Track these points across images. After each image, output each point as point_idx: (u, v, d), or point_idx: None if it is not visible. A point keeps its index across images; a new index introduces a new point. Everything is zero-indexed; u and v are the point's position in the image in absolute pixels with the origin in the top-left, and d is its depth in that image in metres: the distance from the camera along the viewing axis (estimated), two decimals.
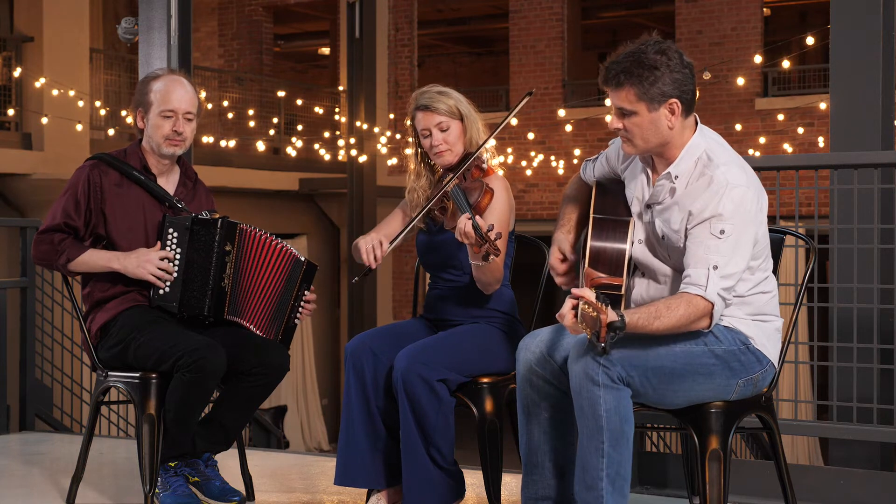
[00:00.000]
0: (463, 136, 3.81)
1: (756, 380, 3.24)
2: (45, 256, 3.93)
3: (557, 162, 16.19)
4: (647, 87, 3.09)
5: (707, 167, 3.15)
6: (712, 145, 3.20)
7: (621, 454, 3.05)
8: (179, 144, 3.99)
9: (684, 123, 3.17)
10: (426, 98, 3.83)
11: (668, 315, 3.02)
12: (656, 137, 3.16)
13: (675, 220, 3.17)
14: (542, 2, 16.87)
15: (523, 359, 3.28)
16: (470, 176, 3.76)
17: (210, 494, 3.96)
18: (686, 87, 3.12)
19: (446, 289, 3.89)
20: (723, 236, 3.07)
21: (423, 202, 3.85)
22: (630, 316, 2.96)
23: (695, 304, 3.05)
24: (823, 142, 14.44)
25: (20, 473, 4.81)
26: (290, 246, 4.03)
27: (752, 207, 3.11)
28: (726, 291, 3.08)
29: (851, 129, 5.10)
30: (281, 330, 4.01)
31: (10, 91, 13.31)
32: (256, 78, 17.37)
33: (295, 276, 4.01)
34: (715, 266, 3.05)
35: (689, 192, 3.15)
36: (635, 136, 3.16)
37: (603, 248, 3.21)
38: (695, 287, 3.06)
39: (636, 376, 3.07)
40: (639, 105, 3.12)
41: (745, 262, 3.11)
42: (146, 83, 4.04)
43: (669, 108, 3.12)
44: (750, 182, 3.15)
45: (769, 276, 3.28)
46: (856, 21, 5.10)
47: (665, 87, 3.10)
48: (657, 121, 3.13)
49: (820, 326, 5.88)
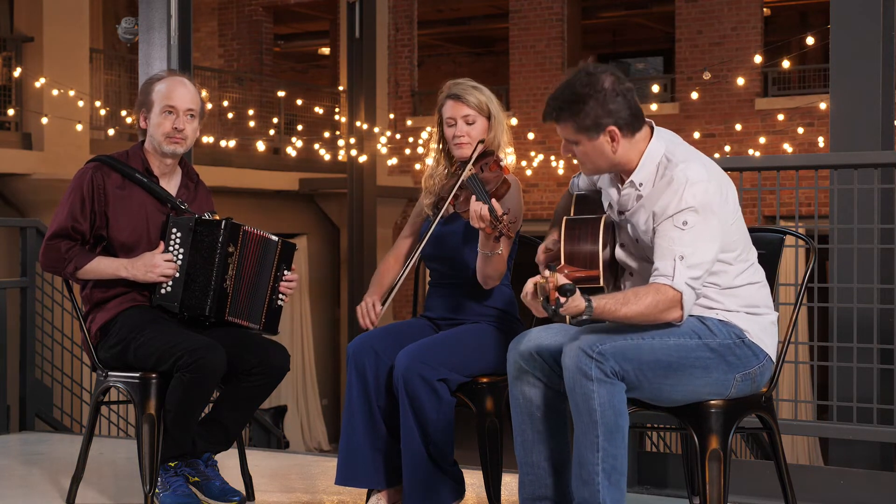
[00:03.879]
0: (486, 133, 3.83)
1: (754, 375, 3.25)
2: (53, 265, 3.94)
3: (557, 162, 16.19)
4: (581, 120, 3.19)
5: (667, 168, 3.21)
6: (670, 147, 3.26)
7: (616, 448, 3.07)
8: (180, 142, 3.98)
9: (632, 142, 3.24)
10: (459, 88, 3.85)
11: (636, 302, 3.07)
12: (605, 161, 3.25)
13: (641, 222, 3.24)
14: (542, 2, 16.87)
15: (514, 359, 3.30)
16: (488, 168, 3.79)
17: (210, 494, 3.96)
18: (621, 113, 3.19)
19: (445, 286, 3.90)
20: (685, 227, 3.12)
21: (439, 192, 3.86)
22: (598, 301, 3.02)
23: (663, 293, 3.09)
24: (823, 142, 14.44)
25: (20, 473, 4.81)
26: (264, 232, 4.01)
27: (714, 199, 3.15)
28: (695, 281, 3.11)
29: (851, 129, 5.10)
30: (263, 312, 4.01)
31: (10, 91, 13.31)
32: (256, 78, 17.37)
33: (269, 257, 4.00)
34: (681, 256, 3.10)
35: (653, 194, 3.21)
36: (585, 162, 3.28)
37: (576, 248, 3.28)
38: (662, 277, 3.11)
39: (630, 370, 3.09)
40: (579, 136, 3.22)
41: (713, 252, 3.14)
42: (149, 84, 4.04)
43: (609, 135, 3.20)
44: (711, 175, 3.19)
45: (753, 264, 3.31)
46: (856, 21, 5.10)
47: (599, 118, 3.18)
48: (600, 147, 3.22)
49: (820, 326, 5.88)
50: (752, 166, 4.79)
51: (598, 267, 3.24)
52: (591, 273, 3.22)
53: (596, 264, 3.25)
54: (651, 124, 3.30)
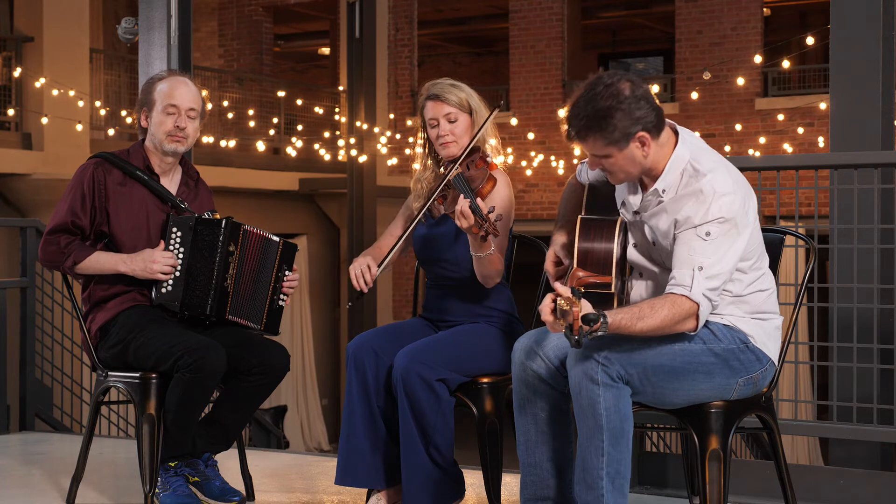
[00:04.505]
0: (470, 130, 3.82)
1: (756, 379, 3.24)
2: (52, 259, 3.93)
3: (557, 162, 16.19)
4: (610, 134, 3.11)
5: (693, 178, 3.15)
6: (696, 153, 3.21)
7: (621, 453, 3.06)
8: (181, 141, 3.99)
9: (660, 144, 3.19)
10: (438, 88, 3.83)
11: (652, 316, 3.03)
12: (636, 168, 3.19)
13: (662, 225, 3.20)
14: (542, 2, 16.87)
15: (518, 358, 3.29)
16: (474, 166, 3.78)
17: (210, 494, 3.96)
18: (647, 118, 3.14)
19: (444, 287, 3.89)
20: (708, 238, 3.08)
21: (426, 194, 3.86)
22: (613, 316, 2.97)
23: (679, 305, 3.06)
24: (823, 142, 14.43)
25: (20, 473, 4.81)
26: (265, 232, 4.02)
27: (739, 212, 3.12)
28: (712, 292, 3.08)
29: (851, 129, 5.10)
30: (265, 313, 4.01)
31: (10, 91, 13.31)
32: (256, 78, 17.36)
33: (270, 258, 4.01)
34: (700, 267, 3.06)
35: (677, 200, 3.17)
36: (617, 172, 3.21)
37: (590, 248, 3.25)
38: (680, 288, 3.07)
39: (635, 374, 3.08)
40: (608, 149, 3.15)
41: (732, 264, 3.11)
42: (151, 83, 4.05)
43: (639, 141, 3.14)
44: (737, 187, 3.15)
45: (765, 272, 3.29)
46: (856, 21, 5.10)
47: (627, 128, 3.11)
48: (631, 156, 3.16)
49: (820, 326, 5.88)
50: (752, 166, 4.79)
51: (610, 273, 3.20)
52: (604, 279, 3.20)
53: (609, 267, 3.21)
54: (674, 127, 3.25)
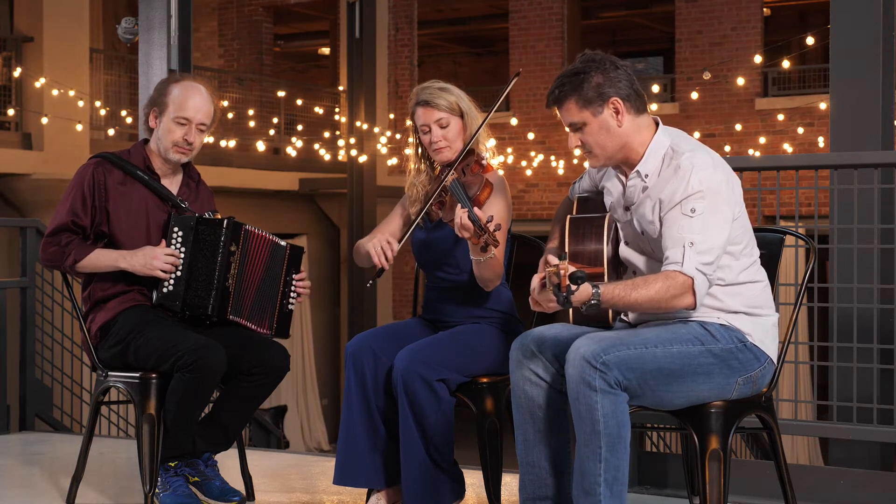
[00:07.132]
0: (463, 133, 3.81)
1: (755, 377, 3.25)
2: (53, 258, 3.93)
3: (557, 162, 16.19)
4: (583, 91, 3.18)
5: (673, 158, 3.20)
6: (676, 139, 3.25)
7: (619, 459, 3.06)
8: (186, 153, 3.99)
9: (637, 121, 3.22)
10: (426, 94, 3.81)
11: (646, 287, 3.06)
12: (612, 141, 3.22)
13: (647, 211, 3.21)
14: (542, 2, 16.87)
15: (516, 357, 3.29)
16: (469, 171, 3.77)
17: (210, 494, 3.96)
18: (622, 85, 3.19)
19: (444, 288, 3.89)
20: (694, 214, 3.10)
21: (422, 198, 3.85)
22: (605, 287, 3.01)
23: (672, 278, 3.07)
24: (823, 142, 14.43)
25: (20, 473, 4.81)
26: (273, 235, 4.02)
27: (721, 186, 3.14)
28: (706, 266, 3.09)
29: (851, 129, 5.10)
30: (275, 318, 4.02)
31: (10, 91, 13.31)
32: (256, 78, 17.36)
33: (278, 262, 4.01)
34: (691, 242, 3.08)
35: (658, 183, 3.20)
36: (593, 147, 3.24)
37: (581, 245, 3.28)
38: (673, 264, 3.09)
39: (633, 379, 3.07)
40: (583, 114, 3.20)
41: (723, 237, 3.12)
42: (166, 84, 4.03)
43: (613, 108, 3.19)
44: (717, 164, 3.19)
45: (756, 262, 3.30)
46: (856, 21, 5.10)
47: (601, 86, 3.17)
48: (606, 123, 3.20)
49: (820, 326, 5.88)
50: (752, 166, 4.79)
51: (602, 265, 3.24)
52: (596, 270, 3.23)
53: (601, 262, 3.24)
54: (657, 120, 3.29)
